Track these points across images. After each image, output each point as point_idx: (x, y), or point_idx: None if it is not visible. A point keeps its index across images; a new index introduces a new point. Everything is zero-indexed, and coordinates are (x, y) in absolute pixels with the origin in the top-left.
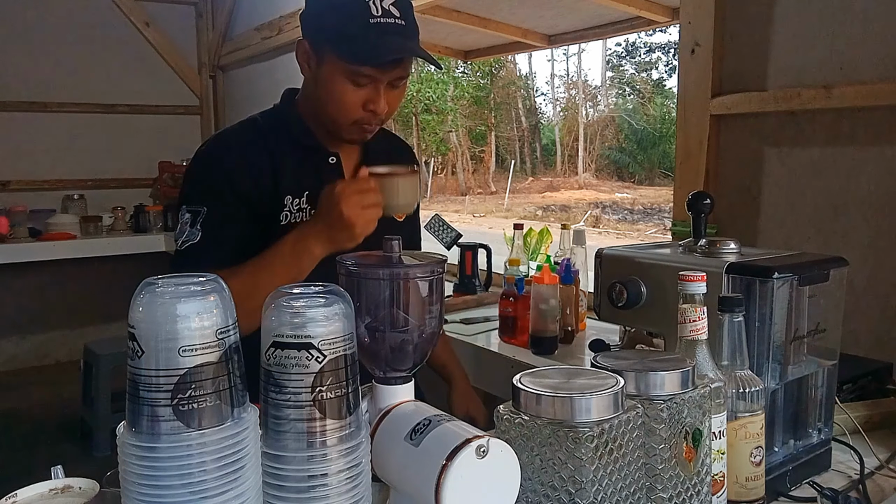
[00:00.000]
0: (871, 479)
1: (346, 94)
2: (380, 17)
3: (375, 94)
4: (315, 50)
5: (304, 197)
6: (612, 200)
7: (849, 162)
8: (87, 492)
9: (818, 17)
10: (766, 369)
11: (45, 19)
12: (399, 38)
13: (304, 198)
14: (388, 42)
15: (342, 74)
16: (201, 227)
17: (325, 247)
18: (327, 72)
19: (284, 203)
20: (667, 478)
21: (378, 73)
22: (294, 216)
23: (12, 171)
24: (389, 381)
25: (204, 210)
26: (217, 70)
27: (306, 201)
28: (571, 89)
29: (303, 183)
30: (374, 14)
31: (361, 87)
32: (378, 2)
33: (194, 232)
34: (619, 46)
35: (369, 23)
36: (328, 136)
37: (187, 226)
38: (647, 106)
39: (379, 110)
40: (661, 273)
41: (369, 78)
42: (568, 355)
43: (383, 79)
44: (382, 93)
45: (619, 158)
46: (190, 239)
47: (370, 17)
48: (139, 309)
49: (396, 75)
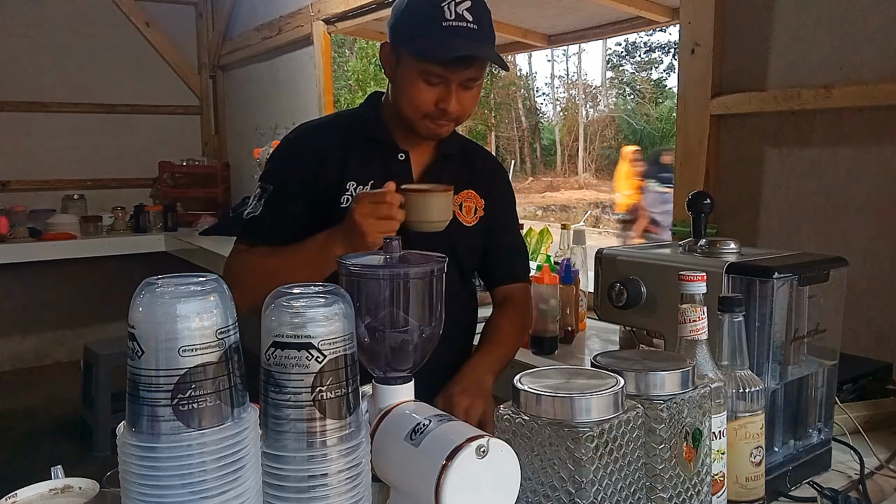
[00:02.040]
0: (871, 479)
1: (420, 92)
2: (452, 20)
3: (447, 94)
4: (395, 51)
5: (368, 185)
6: (613, 200)
7: (849, 162)
8: (87, 492)
9: (818, 17)
10: (766, 369)
11: (45, 19)
12: (468, 40)
13: (368, 186)
14: (456, 43)
15: (416, 73)
16: (265, 203)
17: (344, 249)
18: (404, 71)
19: (347, 188)
20: (667, 478)
21: (448, 73)
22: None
23: (12, 171)
24: (389, 381)
25: (270, 188)
26: (217, 70)
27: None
28: (571, 89)
29: (369, 172)
30: (447, 18)
31: (434, 87)
32: (452, 7)
33: (258, 206)
34: (619, 46)
35: (442, 26)
36: (403, 135)
37: (255, 199)
38: (647, 106)
39: (450, 109)
40: (661, 273)
41: (440, 77)
42: (568, 355)
43: (454, 79)
44: (454, 92)
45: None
46: (253, 212)
47: (443, 21)
48: (139, 309)
49: (467, 76)
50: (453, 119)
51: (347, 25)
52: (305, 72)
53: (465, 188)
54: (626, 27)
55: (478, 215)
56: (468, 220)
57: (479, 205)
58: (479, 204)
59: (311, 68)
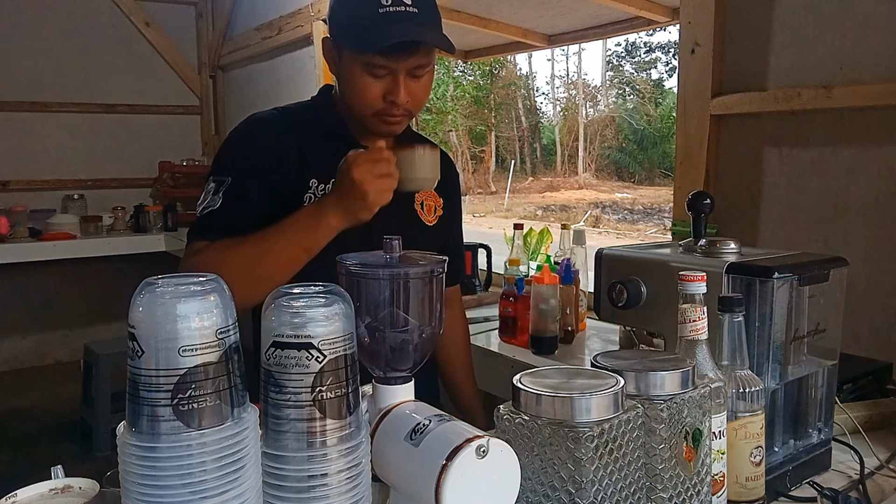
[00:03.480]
0: (871, 479)
1: (366, 87)
2: (389, 6)
3: (394, 85)
4: (335, 45)
5: (329, 183)
6: (612, 200)
7: (849, 162)
8: (87, 492)
9: (818, 17)
10: (766, 369)
11: (45, 19)
12: (409, 25)
13: (329, 184)
14: (395, 30)
15: (359, 67)
16: (223, 195)
17: (341, 217)
18: (347, 65)
19: (309, 185)
20: (667, 478)
21: (391, 63)
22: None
23: (12, 171)
24: (389, 381)
25: (228, 180)
26: (217, 70)
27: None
28: (571, 89)
29: (330, 169)
30: (383, 4)
31: (380, 79)
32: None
33: (215, 199)
34: (619, 46)
35: (378, 12)
36: (359, 130)
37: (210, 194)
38: (647, 106)
39: (399, 101)
40: (661, 273)
41: (385, 68)
42: (568, 355)
43: (399, 68)
44: (402, 83)
45: (619, 158)
46: (210, 206)
47: (379, 7)
48: (139, 309)
49: (413, 64)
50: (405, 113)
51: None
52: (305, 72)
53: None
54: (626, 27)
55: (437, 214)
56: (429, 220)
57: (439, 204)
58: (438, 203)
59: (311, 68)
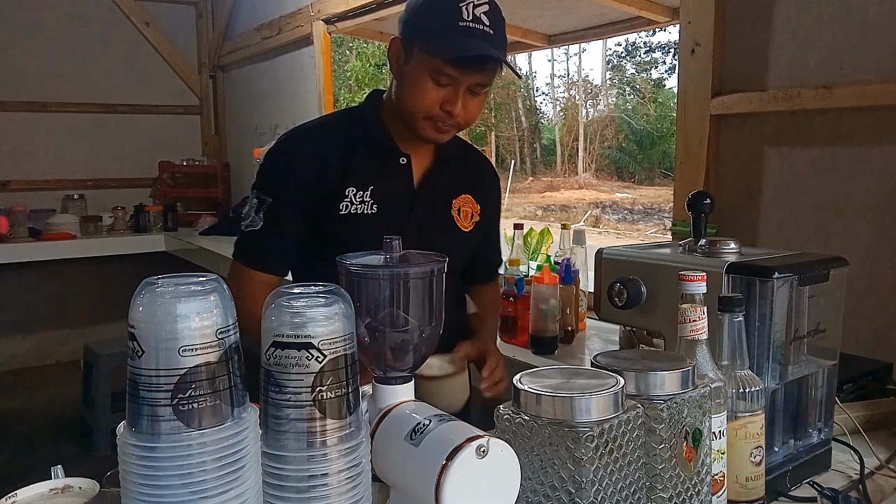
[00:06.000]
0: (871, 479)
1: (427, 91)
2: (469, 21)
3: (454, 96)
4: (406, 47)
5: (368, 191)
6: (612, 200)
7: (849, 162)
8: (87, 492)
9: (818, 17)
10: (766, 369)
11: (45, 19)
12: (484, 43)
13: (367, 192)
14: (472, 44)
15: (426, 71)
16: (264, 216)
17: None
18: (413, 67)
19: (346, 194)
20: (667, 478)
21: (459, 74)
22: (356, 207)
23: (12, 171)
24: (389, 381)
25: (269, 201)
26: (217, 70)
27: (370, 195)
28: (571, 89)
29: (369, 177)
30: (464, 18)
31: (442, 87)
32: (471, 9)
33: (257, 219)
34: (619, 46)
35: (458, 25)
36: (404, 137)
37: (252, 211)
38: (647, 106)
39: (455, 112)
40: (661, 273)
41: (450, 78)
42: (568, 355)
43: (464, 81)
44: (461, 96)
45: (619, 158)
46: (252, 225)
47: (460, 21)
48: (139, 309)
49: (477, 80)
50: (455, 125)
51: (347, 25)
52: (305, 72)
53: (462, 193)
54: (626, 27)
55: (474, 220)
56: (465, 226)
57: (476, 210)
58: (475, 210)
59: (311, 68)
